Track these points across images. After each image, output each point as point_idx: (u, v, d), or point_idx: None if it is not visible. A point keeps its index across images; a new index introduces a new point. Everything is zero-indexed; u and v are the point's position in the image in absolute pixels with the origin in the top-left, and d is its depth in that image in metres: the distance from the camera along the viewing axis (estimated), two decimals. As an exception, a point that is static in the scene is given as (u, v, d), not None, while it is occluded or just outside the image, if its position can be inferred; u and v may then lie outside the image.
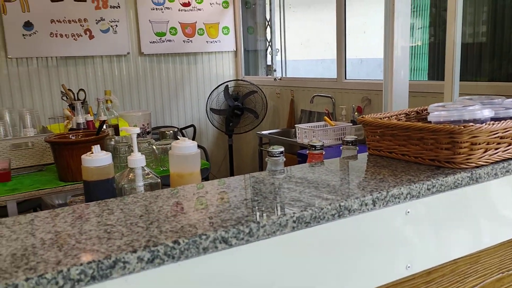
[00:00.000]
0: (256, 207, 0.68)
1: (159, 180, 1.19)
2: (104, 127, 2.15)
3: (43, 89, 3.49)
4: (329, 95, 3.12)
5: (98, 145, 1.22)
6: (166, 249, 0.56)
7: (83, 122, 2.30)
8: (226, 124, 3.83)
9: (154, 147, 2.16)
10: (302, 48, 3.89)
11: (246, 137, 4.09)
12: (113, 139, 2.21)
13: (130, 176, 1.18)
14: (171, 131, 2.47)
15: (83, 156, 1.20)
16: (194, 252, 0.57)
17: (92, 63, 3.65)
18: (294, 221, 0.64)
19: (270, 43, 4.01)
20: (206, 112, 3.81)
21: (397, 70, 1.46)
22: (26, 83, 3.42)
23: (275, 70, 3.97)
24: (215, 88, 3.82)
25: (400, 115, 1.04)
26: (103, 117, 2.39)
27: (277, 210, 0.67)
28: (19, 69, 3.39)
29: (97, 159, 1.20)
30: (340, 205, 0.68)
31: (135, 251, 0.54)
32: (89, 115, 2.36)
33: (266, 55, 4.12)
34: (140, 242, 0.56)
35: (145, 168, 1.19)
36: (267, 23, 4.03)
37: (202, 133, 4.13)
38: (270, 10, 3.97)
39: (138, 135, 2.64)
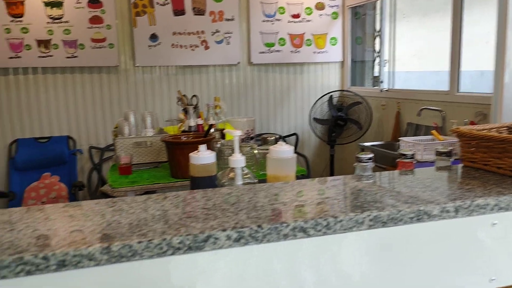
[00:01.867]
0: (336, 204, 0.73)
1: (257, 180, 1.29)
2: (212, 130, 2.34)
3: (162, 94, 3.87)
4: (439, 108, 2.99)
5: (205, 145, 1.36)
6: (251, 231, 0.64)
7: (194, 125, 2.52)
8: (328, 134, 3.86)
9: (255, 151, 2.29)
10: (415, 59, 3.76)
11: (348, 148, 4.06)
12: (219, 142, 2.40)
13: (230, 175, 1.30)
14: (273, 138, 2.59)
15: (191, 154, 1.35)
16: (274, 237, 0.65)
17: (206, 72, 3.96)
18: (371, 220, 0.68)
19: (378, 54, 3.95)
20: (309, 121, 3.88)
21: (508, 83, 1.37)
22: (149, 88, 3.83)
23: (381, 82, 3.90)
24: (319, 98, 3.87)
25: (501, 128, 1.00)
26: (211, 121, 2.61)
27: (355, 208, 0.71)
28: (144, 76, 3.82)
29: (203, 157, 1.34)
30: (419, 209, 0.70)
31: (224, 230, 0.63)
32: (199, 119, 2.58)
33: (374, 66, 4.06)
34: (229, 223, 0.65)
35: (244, 169, 1.30)
36: (376, 33, 3.98)
37: (304, 142, 4.21)
38: (381, 20, 3.91)
39: (242, 140, 2.81)
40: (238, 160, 1.29)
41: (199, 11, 3.83)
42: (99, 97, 3.74)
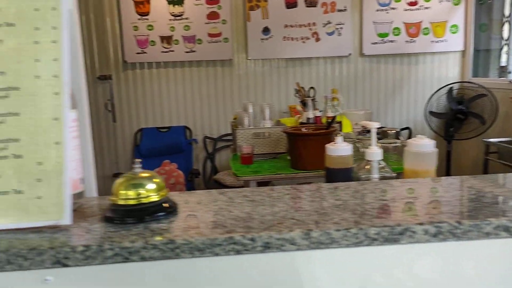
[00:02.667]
0: None
1: (394, 174, 1.25)
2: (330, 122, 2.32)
3: (272, 86, 3.93)
4: None
5: (342, 137, 1.34)
6: (450, 227, 0.61)
7: (312, 117, 2.52)
8: (445, 129, 3.62)
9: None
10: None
11: (468, 144, 3.77)
12: (339, 134, 2.37)
13: (366, 168, 1.27)
14: (394, 131, 2.49)
15: (327, 145, 1.34)
16: (475, 235, 0.61)
17: (316, 64, 3.93)
18: None
19: (506, 42, 3.60)
20: (424, 115, 3.67)
21: None
22: (260, 81, 3.91)
23: (509, 72, 3.54)
24: (437, 90, 3.64)
25: None
26: (330, 114, 2.58)
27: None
28: (255, 69, 3.90)
29: (340, 148, 1.32)
30: None
31: (421, 224, 0.61)
32: (317, 111, 2.57)
33: (500, 55, 3.71)
34: (423, 218, 0.63)
35: (381, 162, 1.26)
36: (504, 19, 3.62)
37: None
38: (511, 4, 3.55)
39: (358, 133, 2.75)
40: (375, 152, 1.25)
41: (311, 3, 3.80)
42: (214, 90, 3.90)
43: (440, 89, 3.63)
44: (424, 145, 1.22)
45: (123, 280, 0.60)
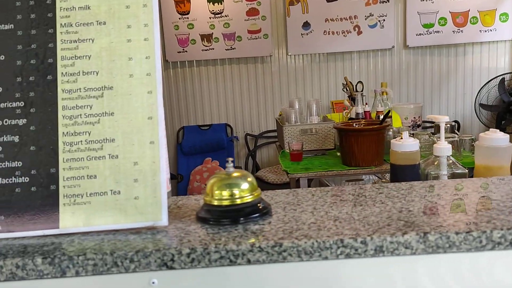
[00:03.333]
0: None
1: (466, 170, 1.19)
2: (380, 117, 2.25)
3: (314, 82, 3.87)
4: None
5: (407, 132, 1.29)
6: None
7: (361, 112, 2.46)
8: (497, 122, 3.47)
9: (434, 139, 2.14)
10: None
11: (521, 137, 3.60)
12: (390, 130, 2.30)
13: (435, 164, 1.21)
14: (448, 125, 2.40)
15: (392, 141, 1.29)
16: None
17: (358, 57, 3.84)
18: None
19: (563, 29, 3.41)
20: (474, 108, 3.53)
21: None
22: (300, 76, 3.86)
23: None
24: (488, 82, 3.49)
25: None
26: (380, 108, 2.51)
27: None
28: (295, 64, 3.86)
29: (406, 144, 1.26)
30: None
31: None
32: (366, 105, 2.51)
33: (555, 42, 3.52)
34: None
35: (450, 158, 1.20)
36: (560, 5, 3.44)
37: (466, 129, 3.85)
38: None
39: (411, 128, 2.66)
40: (444, 148, 1.19)
41: (352, -5, 3.72)
42: (254, 86, 3.88)
43: (491, 80, 3.48)
44: (498, 139, 1.16)
45: (228, 283, 0.58)
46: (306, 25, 3.78)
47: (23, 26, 0.68)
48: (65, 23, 0.68)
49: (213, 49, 3.78)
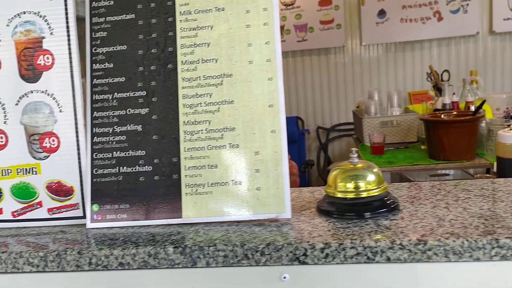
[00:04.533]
0: None
1: None
2: (472, 108, 2.09)
3: (389, 72, 3.71)
4: None
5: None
6: None
7: (449, 103, 2.31)
8: None
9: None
10: None
11: None
12: (484, 121, 2.13)
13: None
14: (549, 116, 2.18)
15: (499, 132, 1.18)
16: None
17: (438, 45, 3.62)
18: None
19: None
20: None
21: None
22: (375, 67, 3.71)
23: None
24: None
25: None
26: (469, 98, 2.34)
27: None
28: (370, 54, 3.71)
29: (516, 135, 1.14)
30: None
31: None
32: (454, 95, 2.35)
33: None
34: None
35: None
36: None
37: (561, 122, 3.50)
38: None
39: (505, 119, 2.46)
40: None
41: (432, -20, 3.51)
42: (326, 79, 3.79)
43: None
44: None
45: (364, 282, 0.54)
46: (381, 13, 3.62)
47: (143, 15, 0.68)
48: (184, 11, 0.67)
49: (284, 41, 3.73)
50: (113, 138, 0.67)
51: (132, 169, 0.66)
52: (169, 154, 0.66)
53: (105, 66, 0.68)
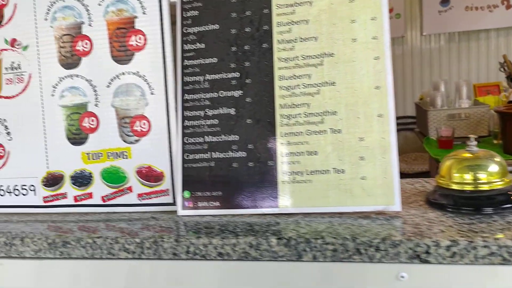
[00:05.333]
0: None
1: None
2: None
3: (451, 64, 3.52)
4: None
5: None
6: None
7: (525, 95, 2.14)
8: None
9: None
10: None
11: None
12: None
13: None
14: None
15: None
16: None
17: (506, 35, 3.39)
18: None
19: None
20: None
21: None
22: (436, 58, 3.53)
23: None
24: None
25: None
26: (549, 90, 2.16)
27: None
28: (431, 45, 3.53)
29: None
30: None
31: None
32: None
33: None
34: None
35: None
36: None
37: None
38: None
39: None
40: None
41: (502, -36, 3.28)
42: (383, 70, 3.65)
43: None
44: None
45: (498, 285, 0.48)
46: (444, 1, 3.43)
47: (237, -8, 0.64)
48: (280, -14, 0.63)
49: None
50: (205, 122, 0.64)
51: (224, 155, 0.63)
52: (264, 139, 0.62)
53: (196, 46, 0.65)
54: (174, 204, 0.65)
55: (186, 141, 0.64)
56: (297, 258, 0.52)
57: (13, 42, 0.69)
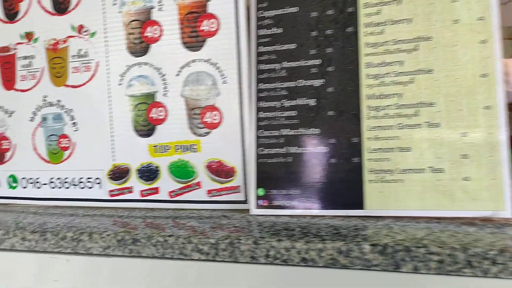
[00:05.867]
0: None
1: None
2: None
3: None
4: None
5: None
6: None
7: None
8: None
9: None
10: None
11: None
12: None
13: None
14: None
15: None
16: None
17: None
18: None
19: None
20: None
21: None
22: None
23: None
24: None
25: None
26: None
27: None
28: None
29: None
30: None
31: None
32: None
33: None
34: None
35: None
36: None
37: None
38: None
39: None
40: None
41: None
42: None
43: None
44: None
45: None
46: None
47: (318, -30, 0.59)
48: (368, -37, 0.56)
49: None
50: (281, 114, 0.59)
51: (303, 150, 0.57)
52: (348, 133, 0.56)
53: (272, 31, 0.60)
54: (245, 202, 0.60)
55: (260, 134, 0.59)
56: (394, 268, 0.45)
57: (80, 29, 0.66)
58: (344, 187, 0.55)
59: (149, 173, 0.64)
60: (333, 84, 0.57)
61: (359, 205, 0.54)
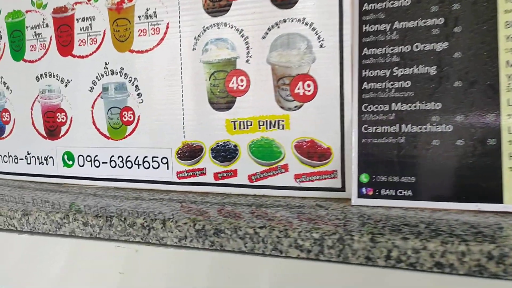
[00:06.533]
0: None
1: None
2: None
3: None
4: None
5: None
6: None
7: None
8: None
9: None
10: None
11: None
12: None
13: None
14: None
15: None
16: None
17: None
18: None
19: None
20: None
21: None
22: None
23: None
24: None
25: None
26: None
27: None
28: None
29: None
30: None
31: None
32: None
33: None
34: None
35: None
36: None
37: None
38: None
39: None
40: None
41: None
42: None
43: None
44: None
45: None
46: None
47: None
48: None
49: None
50: (392, 85, 0.48)
51: (420, 128, 0.47)
52: (481, 108, 0.45)
53: (381, -16, 0.50)
54: (343, 190, 0.50)
55: (364, 109, 0.49)
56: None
57: (148, -15, 0.58)
58: (477, 175, 0.44)
59: (225, 153, 0.55)
60: (460, 48, 0.46)
61: (497, 198, 0.44)
